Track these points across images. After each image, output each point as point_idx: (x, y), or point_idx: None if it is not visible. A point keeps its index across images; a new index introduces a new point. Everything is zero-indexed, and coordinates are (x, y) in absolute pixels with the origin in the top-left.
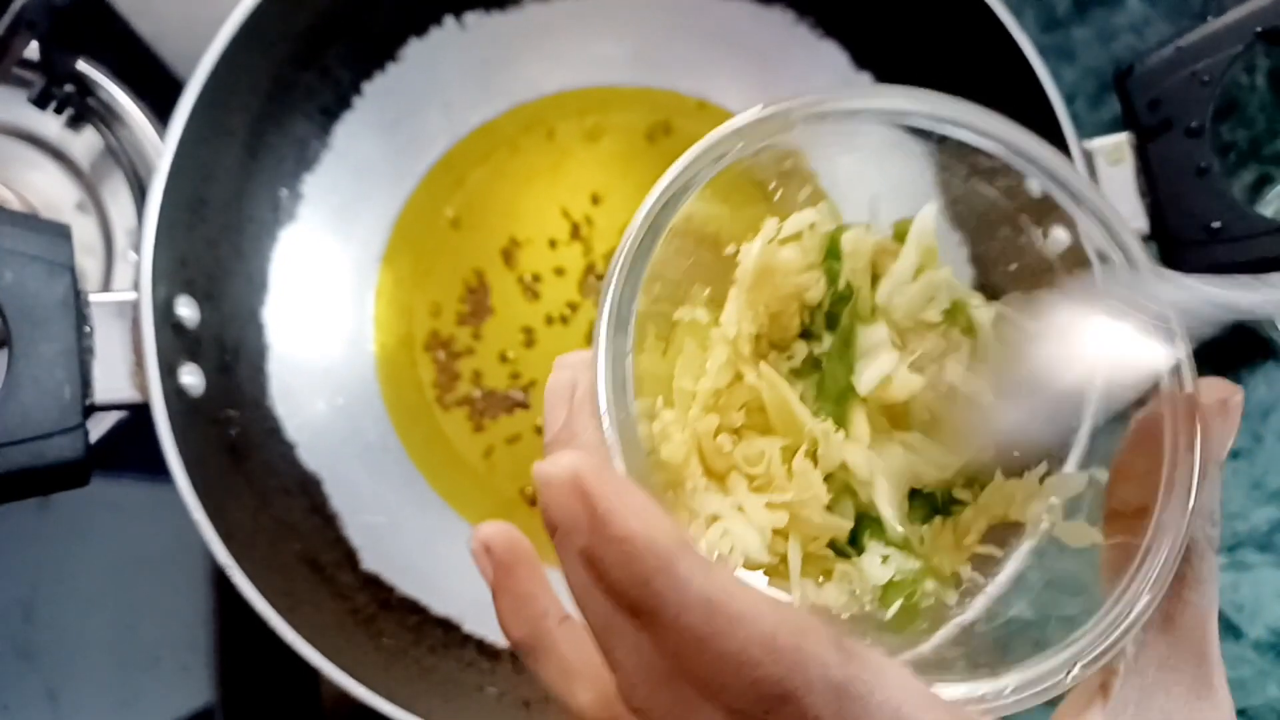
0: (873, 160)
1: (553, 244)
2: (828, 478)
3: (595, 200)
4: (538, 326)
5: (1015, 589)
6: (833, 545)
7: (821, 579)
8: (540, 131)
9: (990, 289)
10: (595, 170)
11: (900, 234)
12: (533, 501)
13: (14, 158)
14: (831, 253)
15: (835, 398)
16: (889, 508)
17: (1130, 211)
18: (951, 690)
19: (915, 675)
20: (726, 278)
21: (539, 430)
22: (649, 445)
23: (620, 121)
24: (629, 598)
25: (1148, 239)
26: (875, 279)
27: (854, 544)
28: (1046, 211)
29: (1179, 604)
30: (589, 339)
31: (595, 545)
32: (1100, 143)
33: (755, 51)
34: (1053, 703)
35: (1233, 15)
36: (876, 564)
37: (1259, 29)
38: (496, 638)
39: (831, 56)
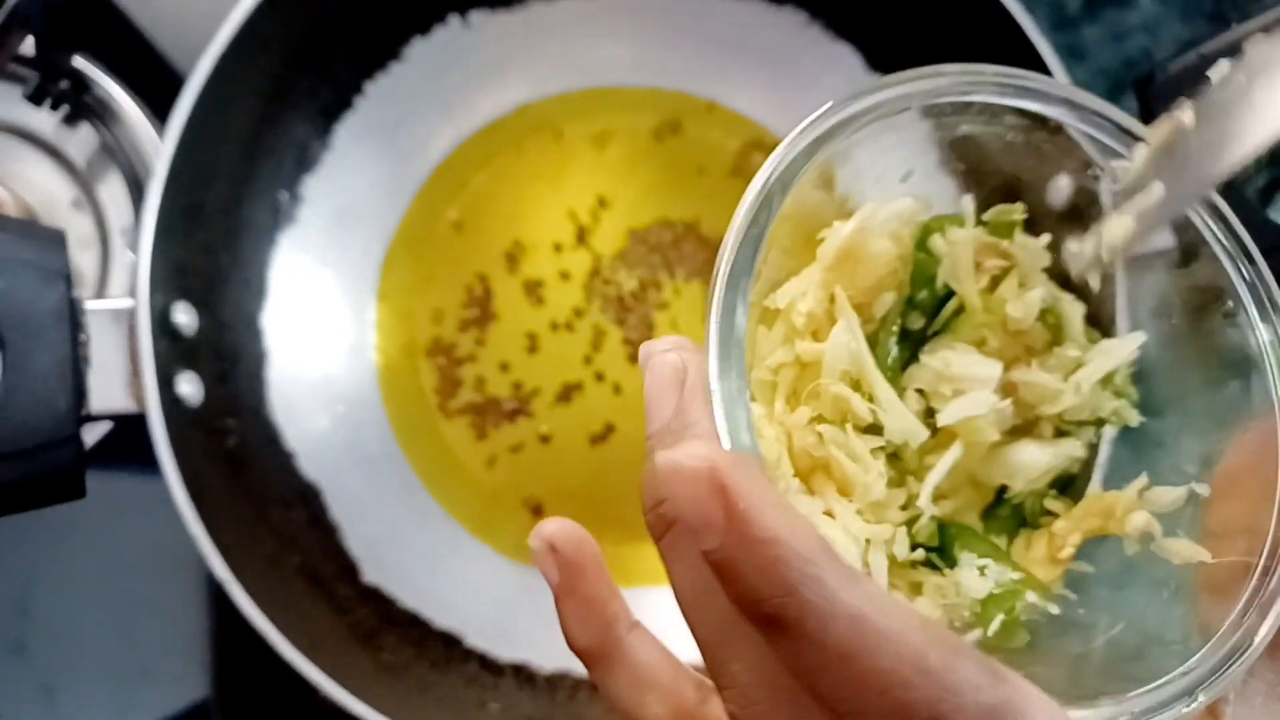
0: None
1: (558, 248)
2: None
3: (601, 203)
4: (542, 332)
5: (1111, 608)
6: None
7: (910, 594)
8: (547, 133)
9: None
10: (601, 173)
11: (996, 228)
12: (536, 511)
13: (9, 155)
14: (921, 245)
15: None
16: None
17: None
18: (1079, 715)
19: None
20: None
21: (543, 439)
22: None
23: (627, 122)
24: (765, 607)
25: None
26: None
27: (942, 555)
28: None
29: None
30: (594, 344)
31: (731, 547)
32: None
33: (767, 53)
34: None
35: (1257, 21)
36: (974, 576)
37: None
38: (499, 652)
39: (845, 59)
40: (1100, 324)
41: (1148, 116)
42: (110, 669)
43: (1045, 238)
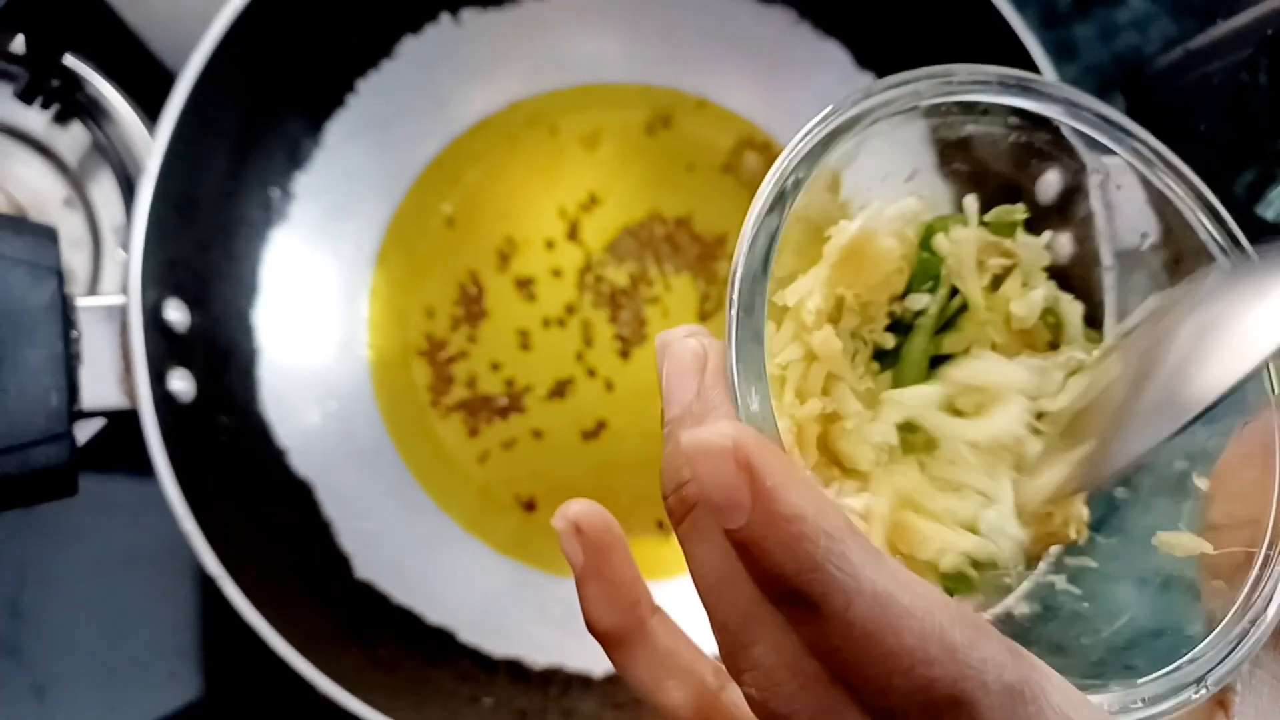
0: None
1: (549, 244)
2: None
3: (593, 200)
4: (534, 329)
5: (1116, 600)
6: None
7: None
8: (540, 129)
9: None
10: (593, 169)
11: (999, 228)
12: (529, 508)
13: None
14: (926, 244)
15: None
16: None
17: (1140, 216)
18: (1097, 698)
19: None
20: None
21: (535, 435)
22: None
23: (619, 119)
24: (791, 584)
25: (1158, 247)
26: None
27: None
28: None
29: None
30: (586, 340)
31: (757, 524)
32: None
33: (756, 50)
34: None
35: (1244, 17)
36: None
37: (1270, 31)
38: (492, 648)
39: (833, 56)
40: (1097, 323)
41: (1136, 112)
42: (102, 669)
43: (1046, 236)
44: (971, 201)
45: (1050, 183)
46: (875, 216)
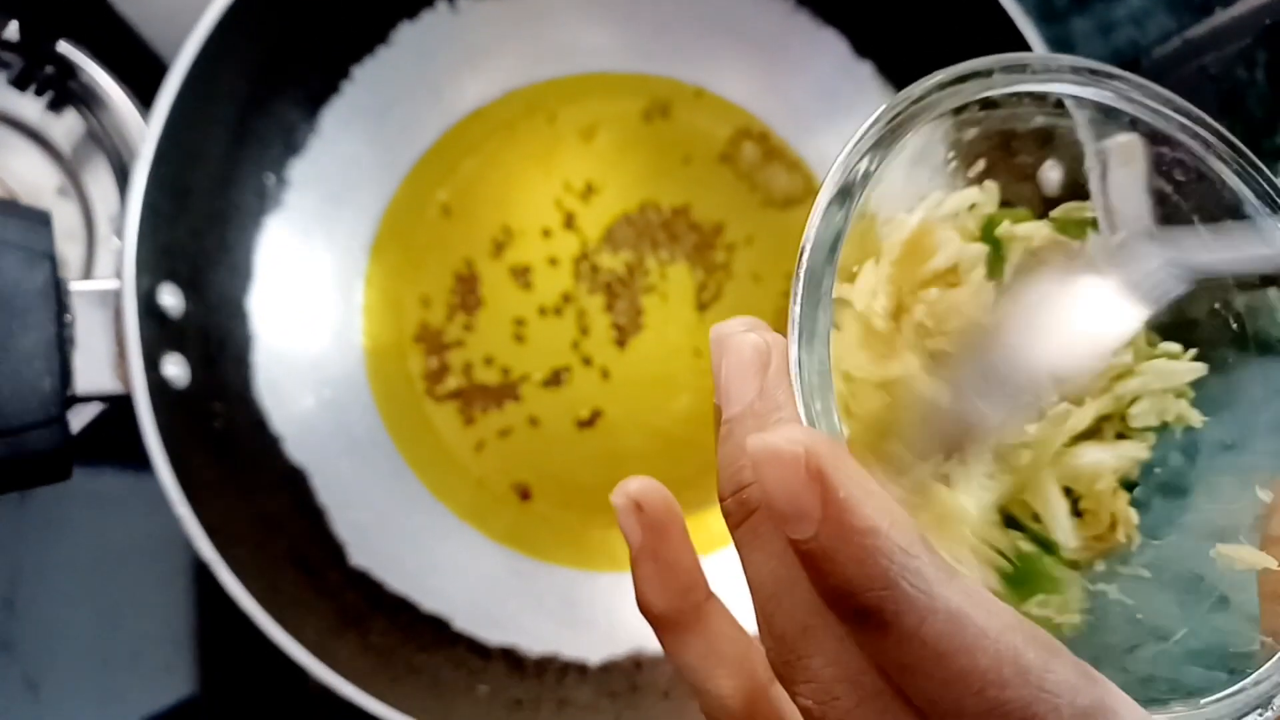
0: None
1: (546, 233)
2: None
3: (590, 189)
4: (530, 318)
5: (1172, 614)
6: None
7: None
8: (538, 117)
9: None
10: (590, 159)
11: (1065, 226)
12: (524, 496)
13: None
14: (988, 237)
15: None
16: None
17: (1139, 207)
18: (1160, 719)
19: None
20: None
21: (531, 423)
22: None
23: (616, 108)
24: (861, 600)
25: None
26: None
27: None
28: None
29: None
30: (582, 329)
31: (828, 536)
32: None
33: (754, 39)
34: None
35: (1241, 7)
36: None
37: (1269, 21)
38: (487, 636)
39: (831, 44)
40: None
41: None
42: (96, 664)
43: (1121, 234)
44: (991, 187)
45: (1053, 175)
46: (935, 208)
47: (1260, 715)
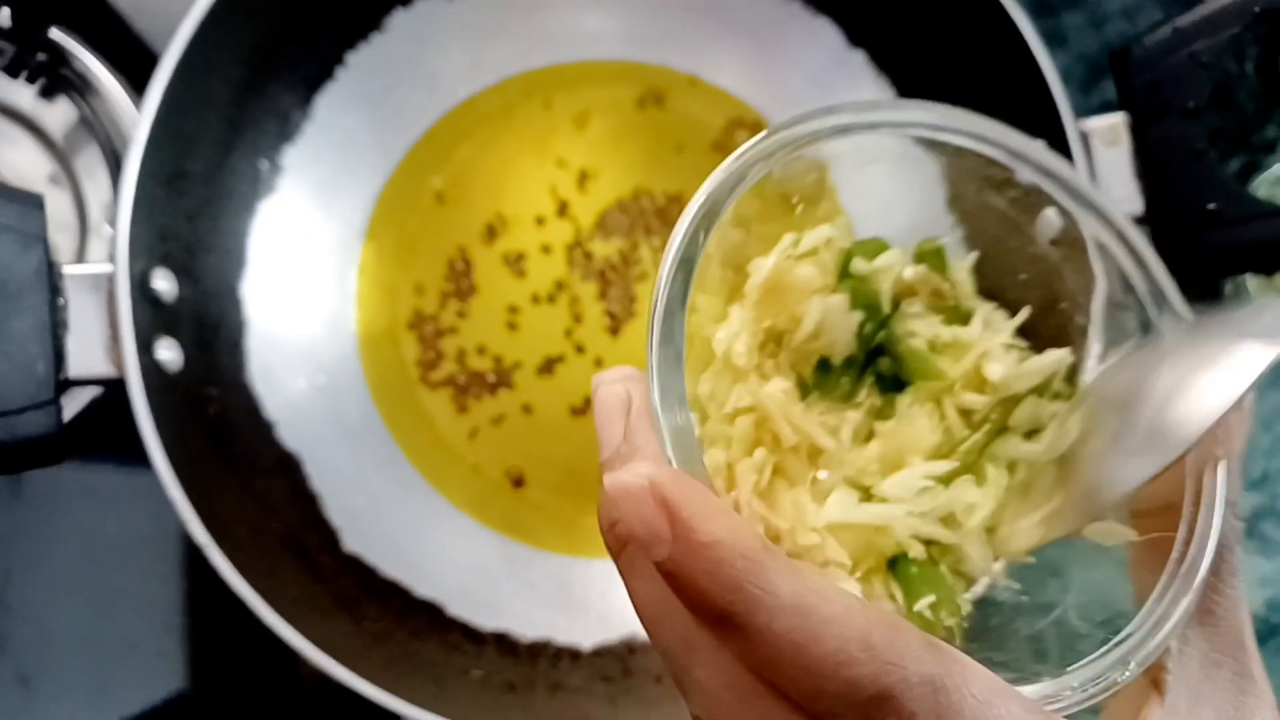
0: (888, 174)
1: (539, 221)
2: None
3: (584, 177)
4: (523, 305)
5: (1053, 592)
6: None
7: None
8: (533, 104)
9: (994, 294)
10: (584, 147)
11: (922, 256)
12: (517, 483)
13: None
14: (846, 272)
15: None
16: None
17: (1126, 193)
18: (1029, 689)
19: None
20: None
21: (525, 411)
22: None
23: (610, 96)
24: (717, 607)
25: (1142, 221)
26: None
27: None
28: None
29: (1215, 597)
30: (575, 317)
31: (679, 554)
32: (1096, 123)
33: (748, 27)
34: (1093, 710)
35: None
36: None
37: (1258, 9)
38: (481, 621)
39: (825, 34)
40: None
41: (1125, 90)
42: (87, 659)
43: (973, 256)
44: (844, 223)
45: (1050, 225)
46: (790, 248)
47: (1121, 674)
